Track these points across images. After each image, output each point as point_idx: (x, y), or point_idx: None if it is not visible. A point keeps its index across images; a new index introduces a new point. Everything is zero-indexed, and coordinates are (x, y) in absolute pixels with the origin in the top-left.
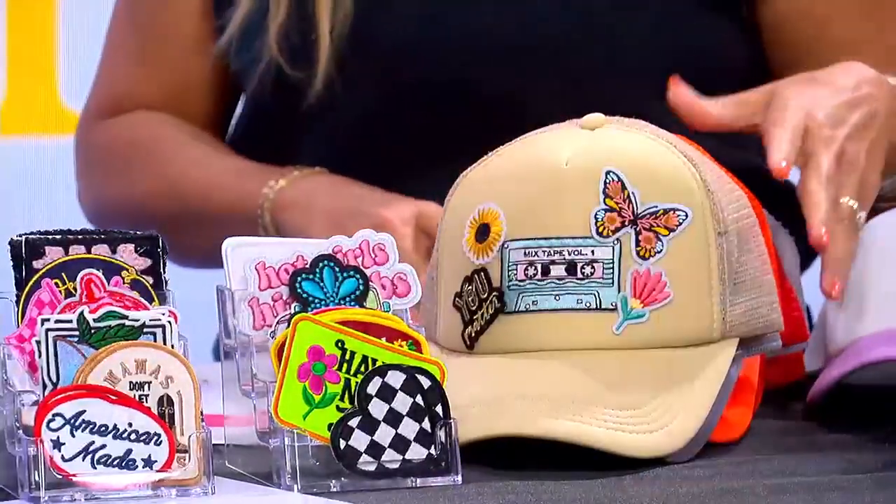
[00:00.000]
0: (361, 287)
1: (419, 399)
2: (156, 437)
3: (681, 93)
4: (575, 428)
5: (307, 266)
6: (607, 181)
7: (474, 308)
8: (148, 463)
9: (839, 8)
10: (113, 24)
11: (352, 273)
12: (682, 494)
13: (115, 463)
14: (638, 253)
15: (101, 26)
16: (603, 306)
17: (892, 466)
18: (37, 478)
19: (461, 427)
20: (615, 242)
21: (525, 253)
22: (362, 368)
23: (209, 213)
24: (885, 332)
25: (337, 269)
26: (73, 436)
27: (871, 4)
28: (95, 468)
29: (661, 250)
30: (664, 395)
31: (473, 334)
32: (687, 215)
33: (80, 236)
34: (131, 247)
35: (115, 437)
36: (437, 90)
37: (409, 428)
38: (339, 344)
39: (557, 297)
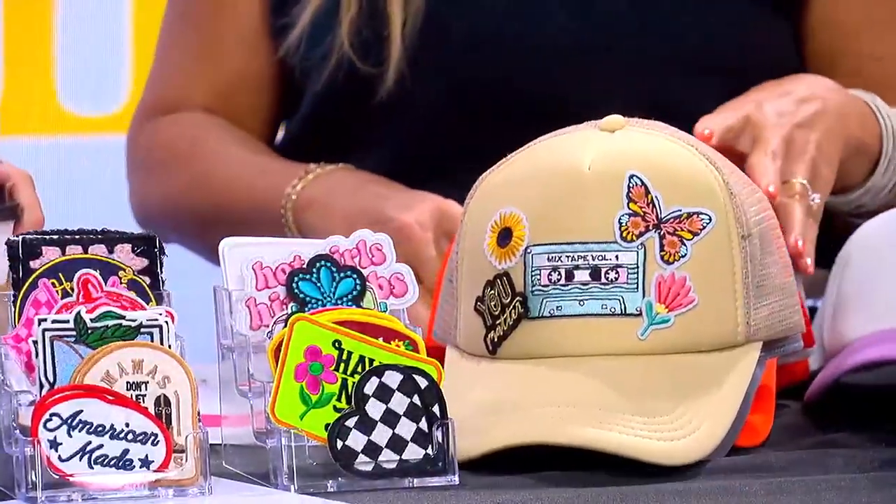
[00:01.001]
0: (358, 287)
1: (416, 399)
2: (153, 437)
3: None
4: (603, 436)
5: (304, 266)
6: (630, 185)
7: (497, 313)
8: (145, 463)
9: (869, 21)
10: (166, 22)
11: (349, 273)
12: (679, 491)
13: (112, 463)
14: (662, 257)
15: (98, 25)
16: (628, 311)
17: (889, 466)
18: (34, 478)
19: (486, 435)
20: (639, 247)
21: (549, 258)
22: (359, 368)
23: (239, 213)
24: (882, 332)
25: (334, 269)
26: (70, 436)
27: None
28: (92, 468)
29: (686, 254)
30: (691, 401)
31: (496, 339)
32: (710, 219)
33: (76, 236)
34: (128, 247)
35: (112, 437)
36: (507, 87)
37: (406, 428)
38: (336, 344)
39: (582, 303)
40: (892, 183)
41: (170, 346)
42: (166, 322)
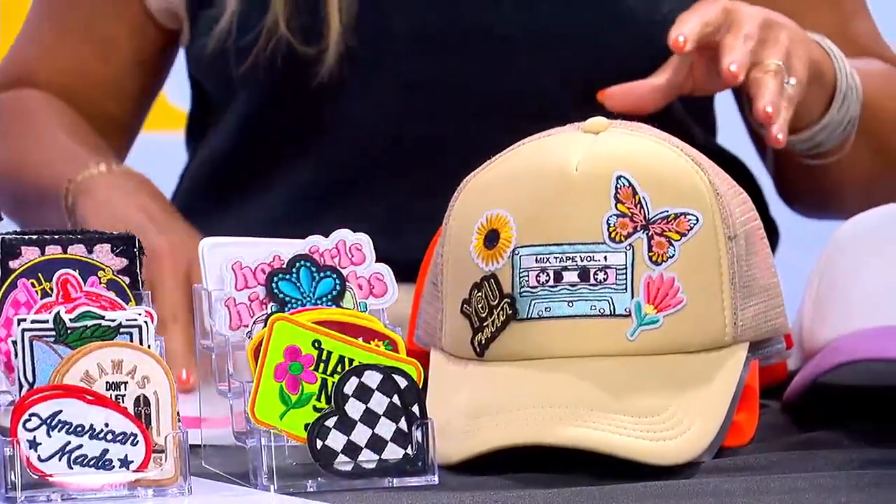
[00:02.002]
0: (338, 287)
1: (396, 399)
2: (132, 438)
3: (617, 93)
4: (594, 435)
5: (284, 266)
6: (618, 186)
7: (484, 315)
8: (124, 463)
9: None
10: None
11: (328, 273)
12: (659, 491)
13: (91, 463)
14: (651, 258)
15: None
16: (617, 312)
17: (868, 465)
18: (13, 478)
19: (476, 437)
20: (628, 248)
21: (537, 259)
22: (339, 368)
23: (40, 191)
24: (861, 332)
25: (314, 269)
26: (50, 436)
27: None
28: (72, 468)
29: (674, 255)
30: (680, 402)
31: (484, 341)
32: (698, 220)
33: (56, 236)
34: (107, 247)
35: (91, 438)
36: (454, 77)
37: (385, 428)
38: (316, 344)
39: (570, 304)
40: (846, 120)
41: (149, 347)
42: (146, 322)
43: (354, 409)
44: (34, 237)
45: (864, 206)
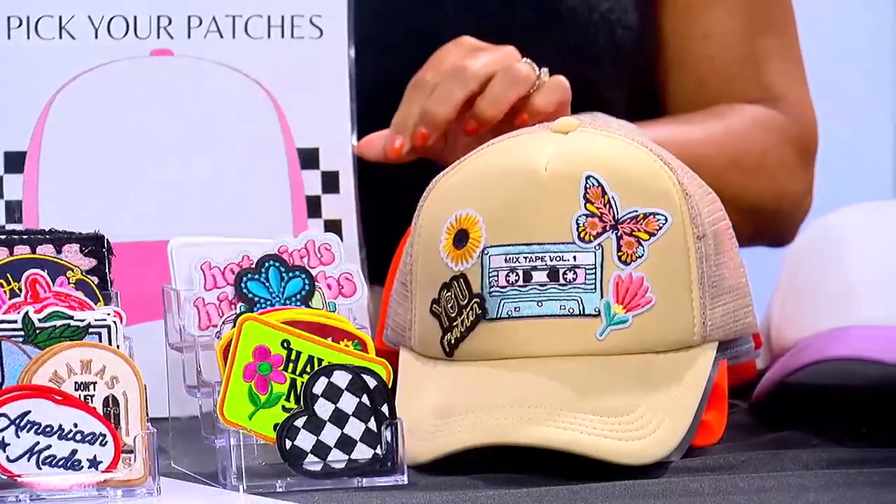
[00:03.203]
0: (307, 287)
1: (365, 399)
2: (101, 438)
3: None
4: (563, 435)
5: (253, 266)
6: (587, 186)
7: (454, 315)
8: (93, 463)
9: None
10: None
11: (297, 273)
12: (628, 490)
13: (60, 463)
14: (620, 258)
15: None
16: (586, 312)
17: (837, 465)
18: None
19: (445, 437)
20: (597, 248)
21: (506, 259)
22: (308, 368)
23: None
24: (829, 332)
25: (283, 269)
26: (18, 436)
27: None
28: (40, 469)
29: (643, 255)
30: (649, 401)
31: (453, 341)
32: (667, 219)
33: (24, 236)
34: (76, 247)
35: (60, 438)
36: (396, 82)
37: (354, 428)
38: (285, 344)
39: (540, 304)
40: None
41: (118, 347)
42: (115, 322)
43: (324, 409)
44: (2, 237)
45: None
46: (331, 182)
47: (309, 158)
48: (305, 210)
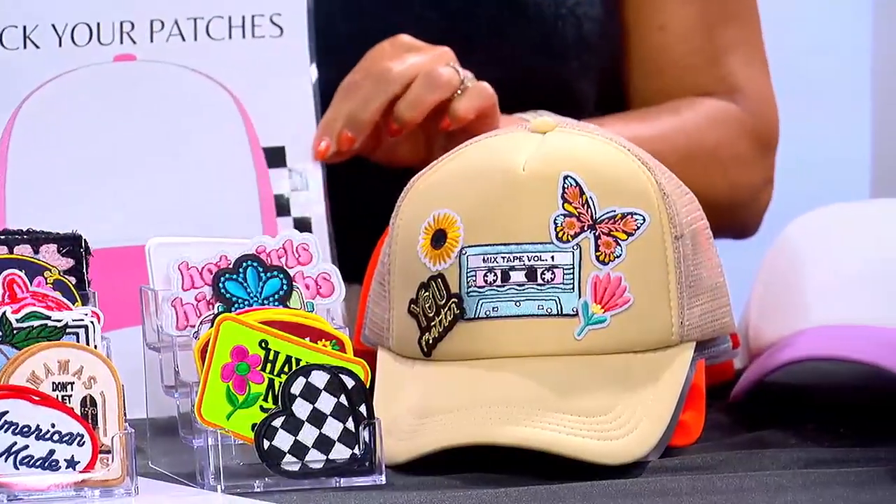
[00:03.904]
0: (285, 287)
1: (343, 399)
2: (79, 438)
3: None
4: (541, 434)
5: (230, 266)
6: (565, 186)
7: (432, 314)
8: (71, 464)
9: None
10: None
11: (275, 273)
12: (607, 490)
13: (37, 464)
14: (598, 258)
15: None
16: (564, 312)
17: (814, 464)
18: None
19: (422, 437)
20: (575, 248)
21: (484, 259)
22: (286, 368)
23: None
24: (806, 331)
25: (260, 269)
26: None
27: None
28: (18, 469)
29: (621, 255)
30: (627, 401)
31: (431, 341)
32: (645, 219)
33: (2, 237)
34: (54, 247)
35: (37, 438)
36: None
37: (332, 428)
38: (263, 344)
39: (518, 304)
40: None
41: (95, 347)
42: (92, 322)
43: (301, 409)
44: None
45: None
46: (299, 180)
47: (276, 157)
48: (274, 209)
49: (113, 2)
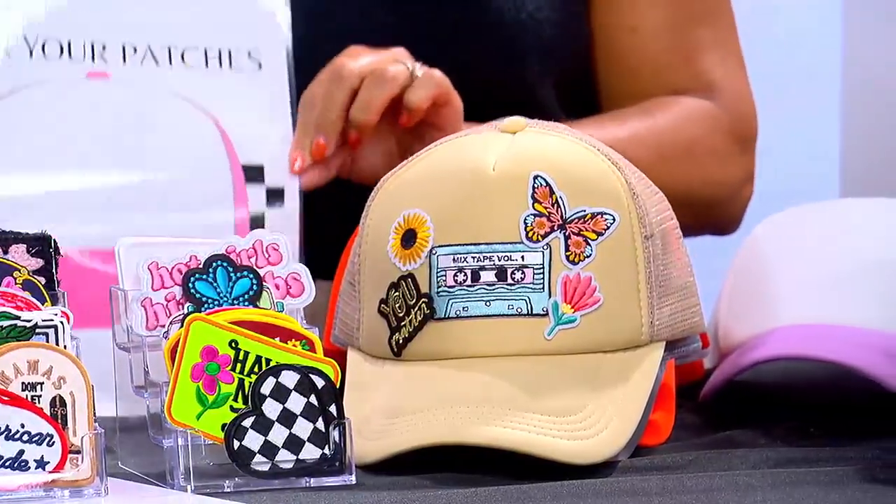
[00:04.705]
0: (255, 287)
1: (313, 399)
2: (48, 438)
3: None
4: (511, 434)
5: (200, 266)
6: (535, 186)
7: (402, 314)
8: (40, 464)
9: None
10: None
11: (245, 273)
12: (576, 490)
13: (7, 464)
14: (568, 258)
15: None
16: (534, 312)
17: (784, 464)
18: None
19: (393, 437)
20: (545, 247)
21: (454, 259)
22: (256, 368)
23: None
24: (776, 330)
25: (230, 269)
26: None
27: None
28: None
29: (591, 255)
30: (597, 401)
31: (401, 341)
32: (614, 219)
33: None
34: (23, 247)
35: (7, 438)
36: None
37: (302, 428)
38: (233, 344)
39: (488, 304)
40: None
41: (65, 347)
42: (62, 322)
43: (272, 409)
44: None
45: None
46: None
47: (254, 175)
48: (248, 227)
49: (84, 21)
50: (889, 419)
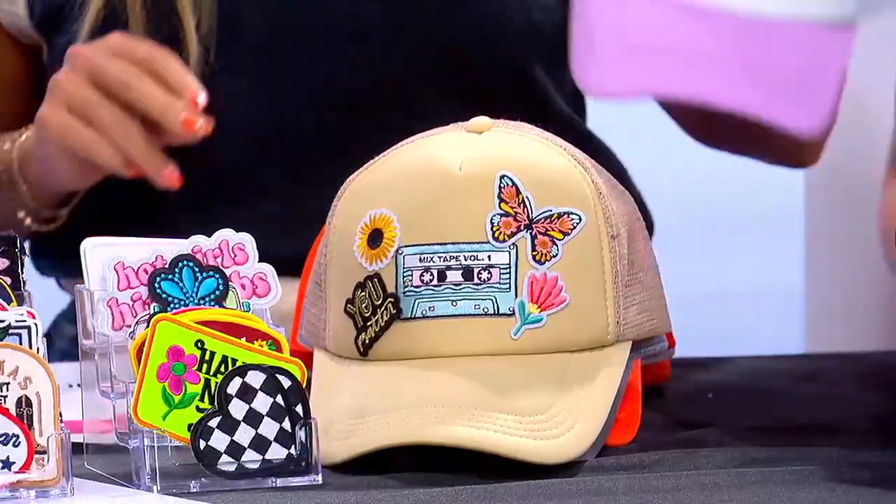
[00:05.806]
0: (221, 287)
1: (279, 399)
2: (14, 439)
3: None
4: (477, 434)
5: (166, 266)
6: (502, 185)
7: (368, 314)
8: (6, 464)
9: None
10: None
11: (211, 273)
12: (543, 489)
13: None
14: (534, 257)
15: None
16: (501, 311)
17: (750, 464)
18: None
19: (358, 437)
20: (511, 247)
21: (420, 258)
22: (222, 368)
23: None
24: None
25: (196, 268)
26: None
27: None
28: None
29: (557, 254)
30: (564, 400)
31: (368, 341)
32: (581, 219)
33: None
34: None
35: None
36: (313, 79)
37: (269, 428)
38: (199, 344)
39: (455, 303)
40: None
41: (38, 350)
42: (35, 324)
43: (238, 409)
44: None
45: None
46: None
47: None
48: None
49: None
50: (854, 419)
